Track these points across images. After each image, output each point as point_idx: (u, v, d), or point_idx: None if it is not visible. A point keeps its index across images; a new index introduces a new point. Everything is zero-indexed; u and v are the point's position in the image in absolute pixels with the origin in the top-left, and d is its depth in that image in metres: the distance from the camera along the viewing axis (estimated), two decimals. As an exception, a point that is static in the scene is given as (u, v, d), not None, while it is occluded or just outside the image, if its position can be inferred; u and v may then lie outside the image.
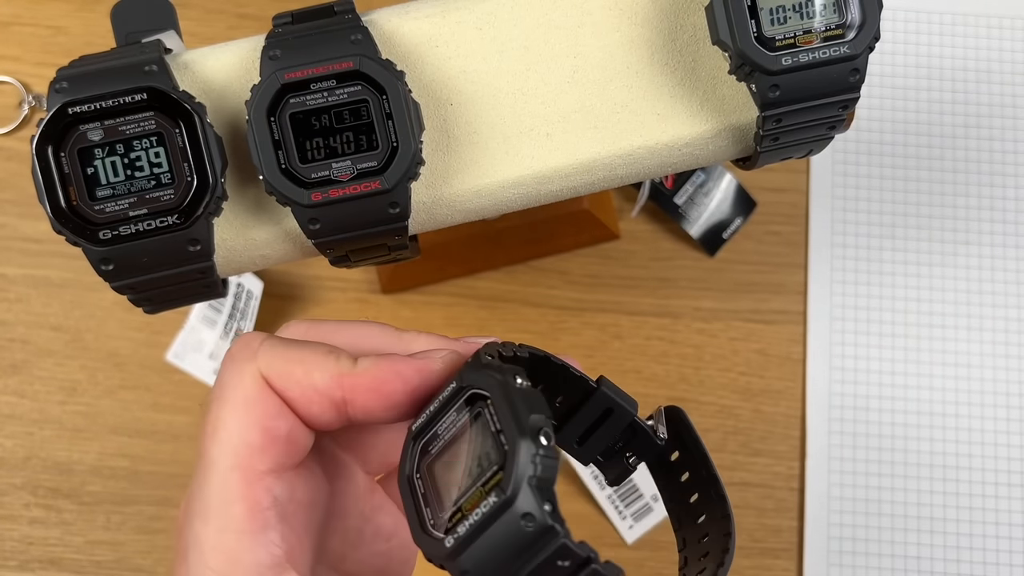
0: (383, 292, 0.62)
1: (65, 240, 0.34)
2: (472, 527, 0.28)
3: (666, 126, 0.38)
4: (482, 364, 0.30)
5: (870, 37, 0.36)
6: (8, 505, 0.61)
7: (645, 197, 0.63)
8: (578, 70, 0.38)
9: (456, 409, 0.29)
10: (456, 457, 0.29)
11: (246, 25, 0.66)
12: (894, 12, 0.66)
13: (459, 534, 0.28)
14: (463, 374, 0.30)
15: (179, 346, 0.61)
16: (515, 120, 0.38)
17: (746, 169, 0.41)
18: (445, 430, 0.30)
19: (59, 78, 0.34)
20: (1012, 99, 0.66)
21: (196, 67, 0.38)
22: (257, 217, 0.38)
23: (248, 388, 0.28)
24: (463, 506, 0.28)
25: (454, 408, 0.30)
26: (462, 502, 0.28)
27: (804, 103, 0.36)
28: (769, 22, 0.36)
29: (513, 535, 0.28)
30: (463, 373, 0.30)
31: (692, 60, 0.38)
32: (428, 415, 0.30)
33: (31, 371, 0.62)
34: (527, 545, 0.28)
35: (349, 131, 0.35)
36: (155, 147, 0.35)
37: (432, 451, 0.30)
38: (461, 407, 0.29)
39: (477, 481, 0.28)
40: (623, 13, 0.38)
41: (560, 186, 0.39)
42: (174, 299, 0.38)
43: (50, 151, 0.34)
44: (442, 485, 0.29)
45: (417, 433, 0.30)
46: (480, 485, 0.28)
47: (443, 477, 0.29)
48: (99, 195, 0.34)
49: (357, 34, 0.35)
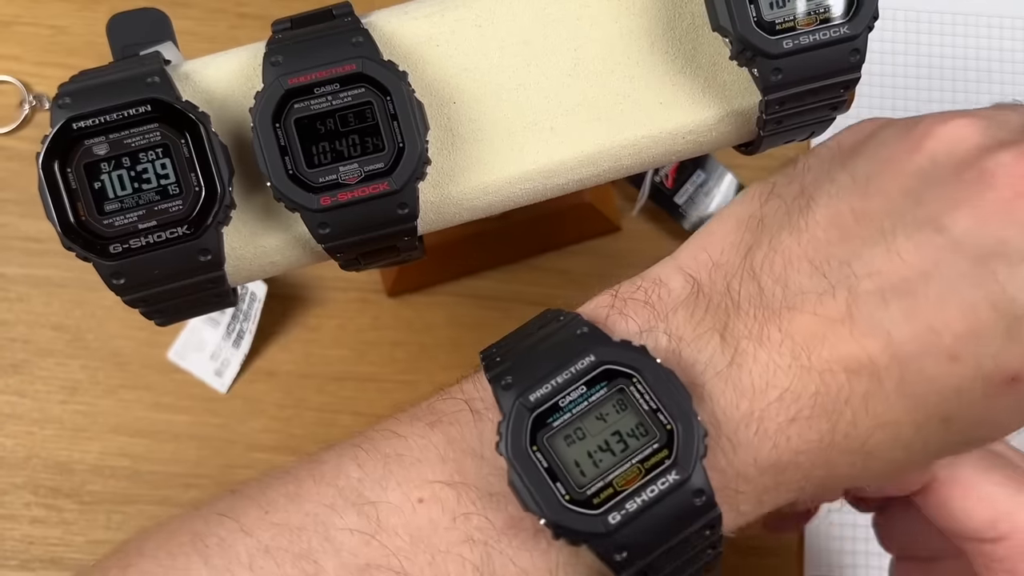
0: (388, 295, 0.62)
1: (76, 256, 0.34)
2: (644, 503, 0.29)
3: (669, 114, 0.39)
4: (615, 342, 0.31)
5: (869, 17, 0.36)
6: (9, 504, 0.61)
7: (645, 196, 0.63)
8: (579, 62, 0.38)
9: (586, 383, 0.30)
10: (586, 432, 0.30)
11: (247, 24, 0.66)
12: (894, 12, 0.67)
13: (627, 510, 0.29)
14: (601, 350, 0.31)
15: (181, 345, 0.61)
16: (518, 115, 0.38)
17: (749, 154, 0.42)
18: (571, 404, 0.30)
19: (61, 93, 0.34)
20: (1012, 99, 0.66)
21: (197, 77, 0.37)
22: (266, 224, 0.38)
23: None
24: (614, 482, 0.29)
25: (582, 382, 0.30)
26: (612, 478, 0.29)
27: (806, 85, 0.37)
28: (768, 6, 0.36)
29: (681, 509, 0.29)
30: (600, 348, 0.31)
31: (692, 48, 0.39)
32: (551, 388, 0.30)
33: (32, 371, 0.62)
34: (688, 520, 0.30)
35: (355, 134, 0.35)
36: (161, 159, 0.34)
37: (554, 424, 0.30)
38: (593, 382, 0.30)
39: (629, 458, 0.30)
40: (621, 3, 0.39)
41: (566, 179, 0.39)
42: (186, 310, 0.38)
43: (56, 167, 0.34)
44: (567, 459, 0.30)
45: (535, 405, 0.30)
46: (638, 462, 0.30)
47: (567, 451, 0.30)
48: (107, 209, 0.34)
49: (358, 36, 0.35)
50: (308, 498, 0.32)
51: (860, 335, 0.30)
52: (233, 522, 0.32)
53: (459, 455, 0.32)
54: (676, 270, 0.34)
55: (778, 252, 0.32)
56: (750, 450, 0.31)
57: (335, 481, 0.32)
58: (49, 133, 0.34)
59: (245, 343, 0.60)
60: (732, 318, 0.32)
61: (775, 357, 0.31)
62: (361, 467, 0.32)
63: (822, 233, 0.32)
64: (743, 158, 0.43)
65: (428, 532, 0.31)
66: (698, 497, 0.29)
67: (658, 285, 0.34)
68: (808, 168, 0.35)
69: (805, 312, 0.31)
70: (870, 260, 0.31)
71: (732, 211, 0.36)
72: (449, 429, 0.33)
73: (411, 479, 0.32)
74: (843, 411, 0.30)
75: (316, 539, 0.31)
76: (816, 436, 0.31)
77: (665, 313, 0.33)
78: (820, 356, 0.30)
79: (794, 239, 0.32)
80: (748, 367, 0.31)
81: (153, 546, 0.32)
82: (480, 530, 0.31)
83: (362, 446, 0.33)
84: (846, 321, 0.30)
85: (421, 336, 0.63)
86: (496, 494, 0.31)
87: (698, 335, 0.32)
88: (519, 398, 0.30)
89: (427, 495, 0.31)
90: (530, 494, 0.29)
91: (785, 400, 0.31)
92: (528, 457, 0.30)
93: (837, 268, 0.31)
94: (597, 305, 0.34)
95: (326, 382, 0.63)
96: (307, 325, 0.63)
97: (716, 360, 0.32)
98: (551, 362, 0.31)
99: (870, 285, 0.30)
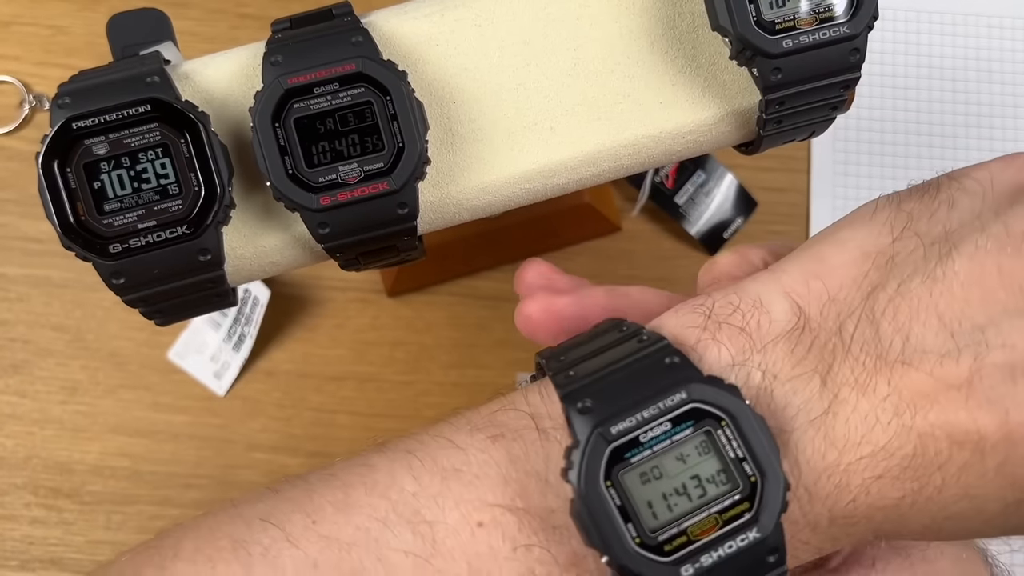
0: (388, 295, 0.62)
1: (75, 256, 0.34)
2: (719, 559, 0.27)
3: (669, 114, 0.39)
4: (712, 380, 0.29)
5: (869, 16, 0.36)
6: (9, 505, 0.61)
7: (645, 197, 0.63)
8: (579, 62, 0.38)
9: (672, 420, 0.28)
10: (664, 472, 0.28)
11: (247, 25, 0.66)
12: (894, 12, 0.67)
13: (701, 564, 0.27)
14: (693, 387, 0.28)
15: (181, 345, 0.61)
16: (518, 115, 0.38)
17: (749, 154, 0.42)
18: (653, 440, 0.28)
19: (61, 93, 0.34)
20: (1012, 99, 0.66)
21: (196, 77, 0.37)
22: (266, 224, 0.37)
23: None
24: (689, 531, 0.28)
25: (668, 418, 0.28)
26: (687, 526, 0.28)
27: (806, 85, 0.37)
28: (768, 5, 0.36)
29: (753, 566, 0.28)
30: (692, 384, 0.29)
31: (692, 47, 0.39)
32: (634, 422, 0.28)
33: (32, 371, 0.62)
34: (760, 574, 0.28)
35: (354, 133, 0.35)
36: (161, 158, 0.34)
37: (632, 460, 0.28)
38: (680, 419, 0.28)
39: (707, 506, 0.28)
40: (621, 3, 0.39)
41: (566, 179, 0.39)
42: (185, 310, 0.38)
43: (56, 167, 0.34)
44: (640, 499, 0.28)
45: (615, 437, 0.28)
46: (716, 512, 0.28)
47: (640, 490, 0.28)
48: (107, 209, 0.34)
49: (357, 36, 0.35)
50: (359, 510, 0.30)
51: (975, 406, 0.28)
52: (278, 530, 0.30)
53: (522, 477, 0.30)
54: (781, 295, 0.31)
55: (905, 299, 0.29)
56: (827, 502, 0.29)
57: (388, 493, 0.30)
58: (49, 133, 0.34)
59: (245, 347, 0.60)
60: (838, 362, 0.29)
61: (877, 411, 0.28)
62: (417, 479, 0.30)
63: (960, 289, 0.29)
64: (743, 158, 0.43)
65: (487, 560, 0.29)
66: (772, 555, 0.28)
67: (758, 310, 0.31)
68: (954, 205, 0.31)
69: (922, 371, 0.28)
70: (1008, 331, 0.28)
71: (857, 239, 0.32)
72: (512, 446, 0.30)
73: (470, 499, 0.29)
74: (934, 476, 0.29)
75: (368, 558, 0.29)
76: (899, 495, 0.29)
77: (763, 345, 0.30)
78: (926, 418, 0.28)
79: (926, 289, 0.29)
80: (845, 417, 0.29)
81: (191, 548, 0.30)
82: (542, 563, 0.29)
83: (416, 454, 0.31)
84: (963, 388, 0.28)
85: (421, 336, 0.63)
86: (559, 527, 0.29)
87: (796, 375, 0.30)
88: (598, 427, 0.28)
89: (487, 519, 0.29)
90: (598, 532, 0.27)
91: (877, 457, 0.28)
92: (601, 493, 0.27)
93: (968, 331, 0.28)
94: (685, 324, 0.31)
95: (325, 382, 0.63)
96: (306, 325, 0.63)
97: (812, 406, 0.29)
98: (636, 391, 0.29)
99: (1000, 358, 0.28)
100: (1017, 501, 0.29)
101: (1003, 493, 0.28)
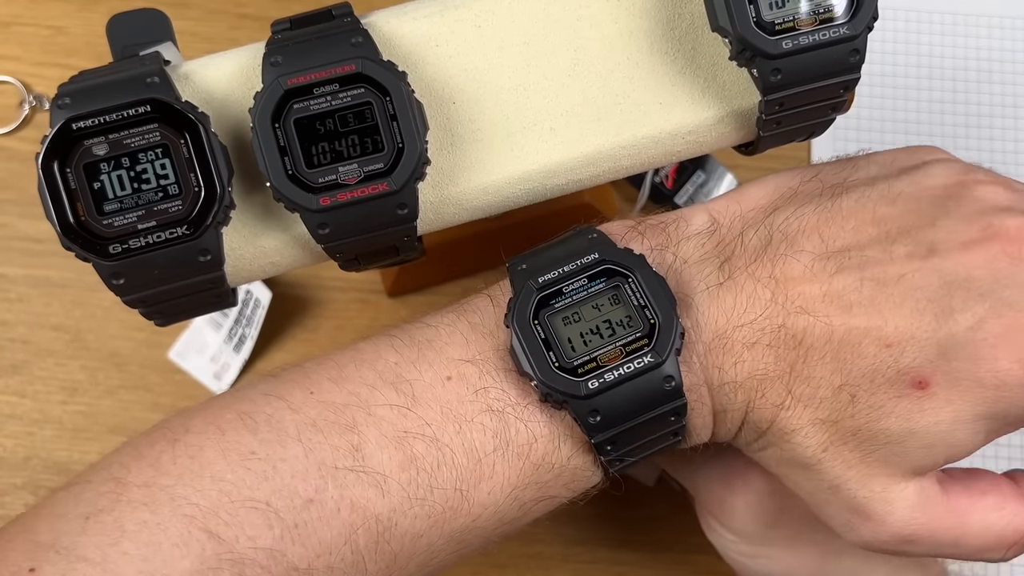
0: (388, 295, 0.62)
1: (75, 256, 0.34)
2: (618, 377, 0.34)
3: (669, 115, 0.39)
4: (623, 250, 0.36)
5: (868, 17, 0.36)
6: (9, 505, 0.61)
7: (645, 197, 0.63)
8: (578, 63, 0.38)
9: (588, 277, 0.36)
10: (582, 316, 0.35)
11: (247, 25, 0.66)
12: (894, 12, 0.66)
13: (605, 380, 0.34)
14: (604, 250, 0.36)
15: (182, 345, 0.61)
16: (518, 116, 0.38)
17: (749, 154, 0.42)
18: (573, 291, 0.36)
19: (61, 94, 0.34)
20: (1012, 99, 0.65)
21: (196, 78, 0.37)
22: (265, 224, 0.38)
23: None
24: (599, 359, 0.35)
25: (586, 275, 0.36)
26: (598, 355, 0.35)
27: (805, 86, 0.37)
28: (768, 6, 0.36)
29: (651, 390, 0.35)
30: (604, 249, 0.36)
31: (691, 48, 0.39)
32: (558, 275, 0.36)
33: (32, 371, 0.62)
34: (657, 400, 0.35)
35: (354, 134, 0.35)
36: (161, 159, 0.34)
37: (555, 305, 0.35)
38: (595, 276, 0.36)
39: (614, 341, 0.35)
40: (620, 4, 0.39)
41: (566, 180, 0.39)
42: (185, 311, 0.38)
43: (56, 167, 0.34)
44: (562, 336, 0.35)
45: (542, 286, 0.36)
46: (620, 345, 0.35)
47: (563, 329, 0.35)
48: (107, 209, 0.34)
49: (357, 37, 0.35)
50: (350, 379, 0.36)
51: (830, 299, 0.36)
52: (280, 400, 0.35)
53: (479, 337, 0.37)
54: (702, 211, 0.39)
55: (798, 219, 0.37)
56: (718, 360, 0.36)
57: (375, 365, 0.36)
58: (49, 133, 0.34)
59: (246, 348, 0.60)
60: (736, 255, 0.37)
61: (759, 289, 0.36)
62: (398, 352, 0.37)
63: (841, 220, 0.37)
64: (743, 158, 0.43)
65: (455, 404, 0.35)
66: (668, 383, 0.35)
67: (679, 219, 0.39)
68: (857, 168, 0.40)
69: (797, 265, 0.36)
70: (868, 252, 0.36)
71: (774, 179, 0.40)
72: (472, 316, 0.37)
73: (441, 361, 0.36)
74: (792, 353, 0.36)
75: (359, 414, 0.35)
76: (767, 367, 0.36)
77: (678, 240, 0.38)
78: (794, 303, 0.36)
79: (815, 215, 0.37)
80: (735, 293, 0.36)
81: (200, 423, 0.35)
82: (498, 400, 0.36)
83: (397, 335, 0.37)
84: (824, 282, 0.36)
85: (421, 336, 0.63)
86: (511, 370, 0.36)
87: (700, 259, 0.37)
88: (529, 279, 0.36)
89: (454, 373, 0.36)
90: (526, 358, 0.35)
91: (755, 326, 0.36)
92: (529, 327, 0.35)
93: (839, 249, 0.36)
94: (620, 225, 0.39)
95: (325, 382, 0.62)
96: (306, 325, 0.63)
97: (710, 280, 0.37)
98: (562, 255, 0.37)
99: (856, 267, 0.36)
100: (841, 389, 0.35)
101: (832, 379, 0.36)
